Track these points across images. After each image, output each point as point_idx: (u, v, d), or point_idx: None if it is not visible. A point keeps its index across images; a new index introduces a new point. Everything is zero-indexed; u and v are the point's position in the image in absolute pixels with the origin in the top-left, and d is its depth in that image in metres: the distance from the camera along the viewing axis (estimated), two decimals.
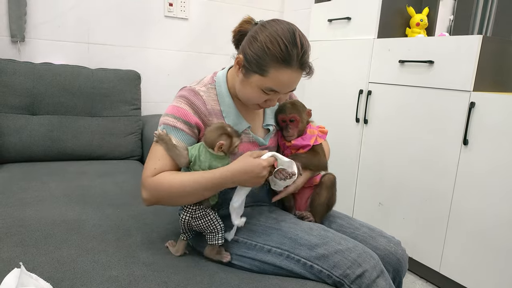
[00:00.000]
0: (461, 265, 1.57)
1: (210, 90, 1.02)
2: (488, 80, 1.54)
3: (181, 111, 0.97)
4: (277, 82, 0.92)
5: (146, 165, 0.96)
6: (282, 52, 0.89)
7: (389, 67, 1.80)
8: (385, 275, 0.89)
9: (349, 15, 2.00)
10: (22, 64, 1.75)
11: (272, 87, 0.93)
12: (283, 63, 0.90)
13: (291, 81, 0.93)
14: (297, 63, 0.91)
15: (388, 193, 1.86)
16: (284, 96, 1.00)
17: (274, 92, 0.94)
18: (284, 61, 0.89)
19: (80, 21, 2.04)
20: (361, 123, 1.96)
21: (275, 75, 0.91)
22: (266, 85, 0.93)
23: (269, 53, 0.89)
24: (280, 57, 0.89)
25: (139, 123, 2.00)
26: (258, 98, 0.96)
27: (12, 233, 1.05)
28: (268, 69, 0.90)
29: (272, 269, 0.95)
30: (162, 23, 2.28)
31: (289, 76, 0.92)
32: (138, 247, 1.03)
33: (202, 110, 0.99)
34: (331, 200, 1.08)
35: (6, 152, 1.67)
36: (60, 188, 1.41)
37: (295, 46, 0.90)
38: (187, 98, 0.98)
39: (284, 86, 0.94)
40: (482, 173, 1.48)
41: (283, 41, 0.89)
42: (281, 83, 0.92)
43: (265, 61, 0.90)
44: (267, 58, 0.90)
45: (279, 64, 0.90)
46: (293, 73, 0.92)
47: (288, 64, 0.90)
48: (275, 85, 0.93)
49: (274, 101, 0.99)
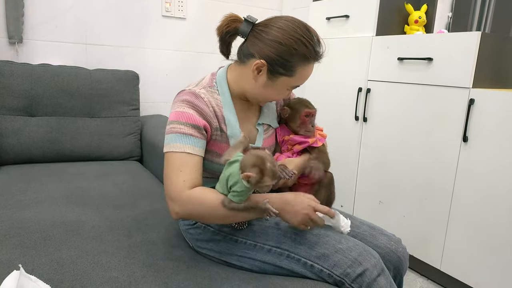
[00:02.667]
0: (462, 263, 1.57)
1: (211, 93, 0.99)
2: (487, 76, 1.54)
3: (187, 116, 0.92)
4: (303, 78, 0.98)
5: (169, 179, 0.90)
6: (308, 50, 0.92)
7: (388, 64, 1.80)
8: (386, 274, 0.89)
9: (348, 13, 2.00)
10: (20, 65, 1.74)
11: (298, 84, 0.98)
12: (308, 60, 0.94)
13: (311, 73, 0.99)
14: (317, 56, 0.96)
15: (388, 191, 1.86)
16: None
17: (295, 86, 1.00)
18: (309, 58, 0.94)
19: (77, 22, 2.03)
20: (360, 121, 1.96)
21: (302, 73, 0.96)
22: (293, 84, 0.98)
23: (297, 53, 0.92)
24: (306, 55, 0.93)
25: (138, 124, 1.99)
26: (282, 96, 1.02)
27: (11, 235, 1.05)
28: (296, 69, 0.94)
29: (272, 269, 0.94)
30: (160, 23, 2.27)
31: (311, 70, 0.98)
32: (138, 248, 1.02)
33: (206, 111, 0.95)
34: (330, 198, 1.08)
35: (4, 154, 1.67)
36: (59, 190, 1.40)
37: (314, 41, 0.94)
38: (189, 102, 0.94)
39: (306, 79, 0.99)
40: (482, 169, 1.48)
41: (306, 39, 0.92)
42: (305, 78, 0.98)
43: (293, 62, 0.93)
44: (295, 58, 0.92)
45: (305, 61, 0.94)
46: (312, 67, 0.98)
47: (313, 59, 0.95)
48: (299, 81, 0.98)
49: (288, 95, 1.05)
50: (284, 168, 1.00)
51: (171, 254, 1.00)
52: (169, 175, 0.90)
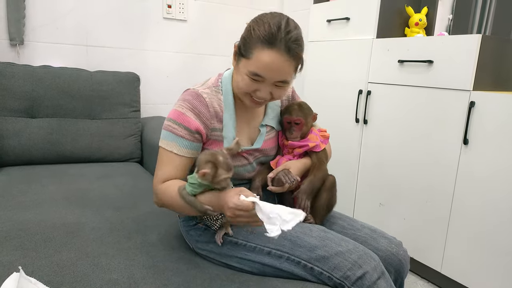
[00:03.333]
0: (462, 265, 1.57)
1: (214, 93, 1.01)
2: (488, 79, 1.54)
3: (183, 117, 0.95)
4: (260, 64, 0.89)
5: (156, 172, 0.99)
6: (265, 32, 0.88)
7: (389, 67, 1.80)
8: (386, 276, 0.89)
9: (348, 15, 2.00)
10: (21, 67, 1.75)
11: (256, 71, 0.90)
12: (266, 43, 0.88)
13: (274, 64, 0.89)
14: (282, 45, 0.87)
15: (388, 194, 1.85)
16: (277, 89, 0.95)
17: (261, 78, 0.91)
18: (267, 41, 0.87)
19: (78, 24, 2.04)
20: (360, 123, 1.96)
21: (258, 56, 0.89)
22: (250, 69, 0.91)
23: (254, 34, 0.89)
24: (264, 37, 0.88)
25: (139, 125, 2.00)
26: (247, 87, 0.94)
27: (11, 237, 1.05)
28: (252, 50, 0.89)
29: (272, 271, 0.94)
30: (161, 25, 2.27)
31: (272, 58, 0.88)
32: (138, 249, 1.02)
33: (204, 113, 0.97)
34: (331, 201, 1.08)
35: (5, 155, 1.67)
36: (59, 191, 1.40)
37: (280, 27, 0.88)
38: (189, 102, 0.97)
39: (268, 70, 0.89)
40: (482, 172, 1.48)
41: (268, 23, 0.89)
42: (264, 65, 0.89)
43: (250, 42, 0.90)
44: (252, 39, 0.89)
45: (262, 44, 0.88)
46: (276, 55, 0.88)
47: (272, 44, 0.87)
48: (258, 68, 0.90)
49: (263, 92, 0.94)
50: (287, 173, 1.00)
51: (171, 255, 1.00)
52: (156, 169, 1.00)
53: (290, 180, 0.98)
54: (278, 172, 1.02)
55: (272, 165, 1.09)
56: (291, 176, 0.99)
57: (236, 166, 1.04)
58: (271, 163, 1.10)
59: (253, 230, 0.98)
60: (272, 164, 1.10)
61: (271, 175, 1.03)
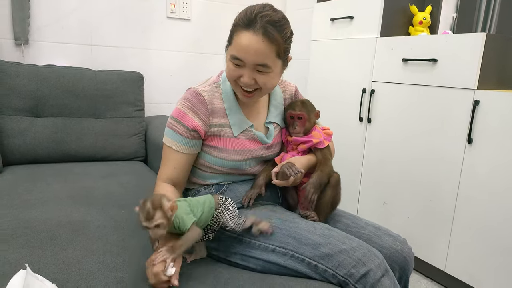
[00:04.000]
0: (466, 264, 1.56)
1: (215, 89, 1.05)
2: (492, 78, 1.53)
3: (181, 114, 1.02)
4: (238, 47, 0.94)
5: (160, 167, 1.06)
6: (244, 16, 0.94)
7: (392, 66, 1.79)
8: (390, 274, 0.89)
9: (352, 14, 2.00)
10: (26, 66, 1.76)
11: (235, 54, 0.94)
12: (243, 27, 0.93)
13: (251, 45, 0.92)
14: (257, 26, 0.91)
15: (392, 192, 1.85)
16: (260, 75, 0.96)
17: (241, 62, 0.95)
18: (244, 23, 0.93)
19: (83, 23, 2.05)
20: (364, 122, 1.96)
21: (237, 39, 0.94)
22: (231, 53, 0.96)
23: (235, 22, 0.96)
24: (242, 21, 0.93)
25: (143, 124, 2.00)
26: (231, 73, 0.98)
27: (17, 235, 1.05)
28: (233, 35, 0.96)
29: (276, 268, 0.94)
30: (165, 24, 2.28)
31: (248, 39, 0.92)
32: (143, 248, 1.03)
33: (203, 111, 1.02)
34: (336, 199, 1.09)
35: (10, 154, 1.68)
36: (64, 190, 1.41)
37: (258, 10, 0.93)
38: (189, 101, 1.02)
39: (244, 51, 0.93)
40: (486, 171, 1.47)
41: (248, 9, 0.95)
42: (241, 46, 0.93)
43: (232, 29, 0.97)
44: (234, 27, 0.96)
45: (240, 28, 0.94)
46: (252, 36, 0.91)
47: (248, 26, 0.92)
48: (237, 51, 0.94)
49: (246, 77, 0.95)
50: (291, 166, 1.01)
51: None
52: (161, 164, 1.07)
53: (294, 172, 0.99)
54: (282, 166, 1.03)
55: (277, 161, 1.11)
56: (295, 169, 1.00)
57: (239, 160, 1.06)
58: (275, 159, 1.12)
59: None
60: (276, 160, 1.11)
61: (276, 170, 1.04)
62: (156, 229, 0.79)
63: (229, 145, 1.05)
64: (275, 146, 1.13)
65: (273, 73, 0.98)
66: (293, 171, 1.00)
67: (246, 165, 1.08)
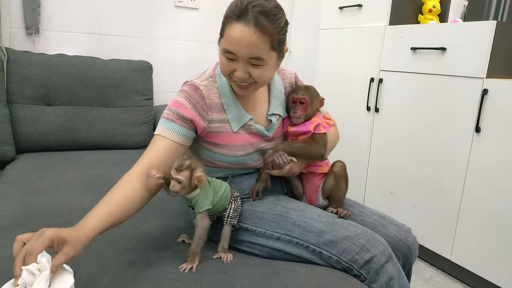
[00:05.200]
0: (472, 253, 1.57)
1: (211, 83, 1.02)
2: (501, 66, 1.52)
3: (178, 104, 0.97)
4: (230, 39, 0.89)
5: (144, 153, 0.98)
6: (234, 7, 0.89)
7: (401, 54, 1.78)
8: (394, 261, 0.91)
9: (361, 2, 1.98)
10: (37, 55, 1.79)
11: (227, 47, 0.90)
12: (234, 18, 0.88)
13: (243, 37, 0.87)
14: (248, 17, 0.87)
15: (399, 182, 1.86)
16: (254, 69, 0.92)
17: (233, 55, 0.91)
18: (236, 15, 0.88)
19: (92, 13, 2.06)
20: (372, 111, 1.96)
21: (228, 32, 0.90)
22: (223, 46, 0.92)
23: (226, 12, 0.91)
24: (233, 12, 0.89)
25: (151, 113, 2.03)
26: (225, 67, 0.94)
27: (31, 220, 1.09)
28: (225, 27, 0.91)
29: (281, 255, 0.97)
30: (173, 14, 2.28)
31: (239, 30, 0.87)
32: (153, 233, 1.06)
33: (201, 104, 0.98)
34: (338, 188, 1.09)
35: (23, 142, 1.72)
36: (76, 177, 1.45)
37: (248, 0, 0.88)
38: (186, 92, 0.99)
39: (236, 44, 0.89)
40: (494, 160, 1.47)
41: (238, 1, 0.90)
42: (233, 39, 0.88)
43: (224, 21, 0.92)
44: (225, 19, 0.92)
45: (231, 19, 0.89)
46: (244, 28, 0.87)
47: (238, 17, 0.88)
48: (228, 44, 0.90)
49: (240, 72, 0.92)
50: (281, 155, 0.99)
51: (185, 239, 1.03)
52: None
53: (283, 161, 0.98)
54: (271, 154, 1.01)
55: None
56: (284, 157, 0.99)
57: (242, 155, 1.05)
58: None
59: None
60: None
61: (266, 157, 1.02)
62: (176, 183, 0.86)
63: (230, 141, 1.03)
64: (277, 138, 1.11)
65: (267, 66, 0.93)
66: (282, 160, 0.98)
67: (249, 159, 1.06)
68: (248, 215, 1.03)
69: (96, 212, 0.82)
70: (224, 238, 0.97)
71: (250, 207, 1.05)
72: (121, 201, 0.86)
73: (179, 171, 0.86)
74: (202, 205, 0.90)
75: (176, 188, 0.86)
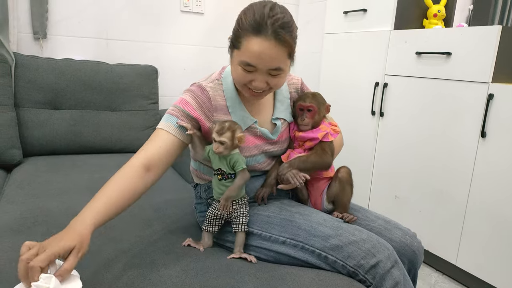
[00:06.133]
0: (478, 258, 1.57)
1: (217, 86, 1.03)
2: (507, 71, 1.52)
3: (184, 102, 0.99)
4: (250, 53, 0.89)
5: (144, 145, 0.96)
6: (252, 21, 0.88)
7: (406, 59, 1.79)
8: (400, 266, 0.91)
9: (365, 6, 1.99)
10: (44, 60, 1.81)
11: (247, 60, 0.90)
12: (253, 32, 0.88)
13: (264, 52, 0.89)
14: (269, 31, 0.87)
15: (404, 186, 1.85)
16: (272, 78, 0.94)
17: (253, 67, 0.91)
18: (254, 29, 0.88)
19: (98, 18, 2.09)
20: (377, 115, 1.96)
21: (247, 45, 0.89)
22: (241, 59, 0.91)
23: (242, 24, 0.90)
24: (251, 26, 0.88)
25: (157, 117, 2.04)
26: (242, 78, 0.95)
27: (39, 223, 1.10)
28: (242, 40, 0.90)
29: (287, 259, 0.97)
30: (178, 18, 2.30)
31: (260, 45, 0.88)
32: (158, 236, 1.07)
33: (207, 105, 1.00)
34: (343, 194, 1.09)
35: (30, 146, 1.74)
36: (83, 180, 1.46)
37: (267, 14, 0.88)
38: (193, 92, 1.01)
39: (258, 58, 0.90)
40: (500, 165, 1.46)
41: (254, 11, 0.89)
42: (253, 53, 0.89)
43: (239, 33, 0.91)
44: (241, 30, 0.90)
45: (249, 33, 0.89)
46: (264, 42, 0.88)
47: (259, 32, 0.88)
48: (248, 57, 0.90)
49: (259, 82, 0.93)
50: (295, 174, 1.00)
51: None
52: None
53: (299, 181, 0.99)
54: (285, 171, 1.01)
55: (283, 159, 1.10)
56: (299, 177, 0.99)
57: (246, 157, 1.05)
58: (282, 158, 1.11)
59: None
60: (283, 158, 1.10)
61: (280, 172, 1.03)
62: (219, 145, 0.93)
63: None
64: (282, 142, 1.11)
65: (284, 73, 0.96)
66: (298, 181, 0.99)
67: (254, 161, 1.07)
68: (254, 219, 1.03)
69: (93, 206, 0.83)
70: (240, 244, 0.99)
71: (256, 211, 1.05)
72: (118, 196, 0.86)
73: (221, 133, 0.93)
74: (242, 162, 0.97)
75: (220, 149, 0.93)
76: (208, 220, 1.02)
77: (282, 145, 1.12)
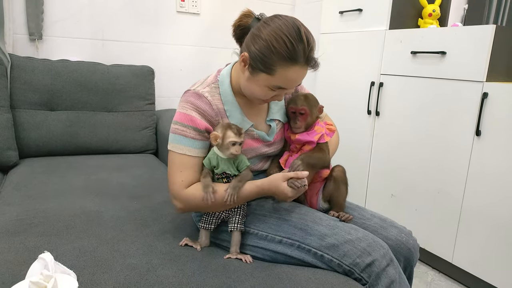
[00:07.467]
0: (473, 256, 1.58)
1: (214, 90, 1.02)
2: (501, 70, 1.53)
3: (189, 118, 0.98)
4: (285, 80, 0.93)
5: (171, 178, 1.00)
6: (288, 50, 0.88)
7: (401, 58, 1.79)
8: (395, 264, 0.91)
9: (361, 6, 1.99)
10: (40, 61, 1.80)
11: (280, 85, 0.94)
12: (290, 61, 0.90)
13: (298, 78, 0.95)
14: (304, 59, 0.91)
15: (400, 185, 1.86)
16: (290, 90, 1.00)
17: (283, 89, 0.96)
18: (291, 59, 0.90)
19: (94, 18, 2.08)
20: (372, 115, 1.96)
21: (283, 73, 0.91)
22: (273, 84, 0.94)
23: (276, 51, 0.89)
24: (287, 55, 0.89)
25: (153, 118, 2.04)
26: (265, 95, 0.97)
27: (35, 224, 1.10)
28: (275, 68, 0.91)
29: (284, 258, 0.97)
30: (174, 19, 2.30)
31: (296, 73, 0.93)
32: (155, 237, 1.07)
33: (209, 112, 1.00)
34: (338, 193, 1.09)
35: (26, 147, 1.73)
36: (79, 181, 1.46)
37: (301, 42, 0.89)
38: (192, 103, 0.99)
39: (292, 83, 0.95)
40: (495, 163, 1.47)
41: (288, 39, 0.88)
42: (288, 80, 0.94)
43: (272, 60, 0.90)
44: (274, 57, 0.89)
45: (286, 62, 0.90)
46: (300, 70, 0.93)
47: (295, 61, 0.90)
48: (282, 83, 0.94)
49: (281, 97, 1.01)
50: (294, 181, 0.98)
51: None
52: (171, 175, 1.01)
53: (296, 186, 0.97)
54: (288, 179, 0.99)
55: (281, 163, 1.10)
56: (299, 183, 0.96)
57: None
58: (280, 161, 1.10)
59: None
60: (281, 162, 1.10)
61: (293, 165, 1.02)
62: (239, 146, 0.96)
63: None
64: (277, 143, 1.12)
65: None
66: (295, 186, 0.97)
67: (250, 163, 1.06)
68: (250, 218, 1.04)
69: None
70: (236, 243, 1.00)
71: (252, 210, 1.06)
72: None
73: (240, 133, 0.96)
74: (246, 160, 1.00)
75: (240, 150, 0.97)
76: (205, 217, 1.03)
77: (278, 146, 1.13)
